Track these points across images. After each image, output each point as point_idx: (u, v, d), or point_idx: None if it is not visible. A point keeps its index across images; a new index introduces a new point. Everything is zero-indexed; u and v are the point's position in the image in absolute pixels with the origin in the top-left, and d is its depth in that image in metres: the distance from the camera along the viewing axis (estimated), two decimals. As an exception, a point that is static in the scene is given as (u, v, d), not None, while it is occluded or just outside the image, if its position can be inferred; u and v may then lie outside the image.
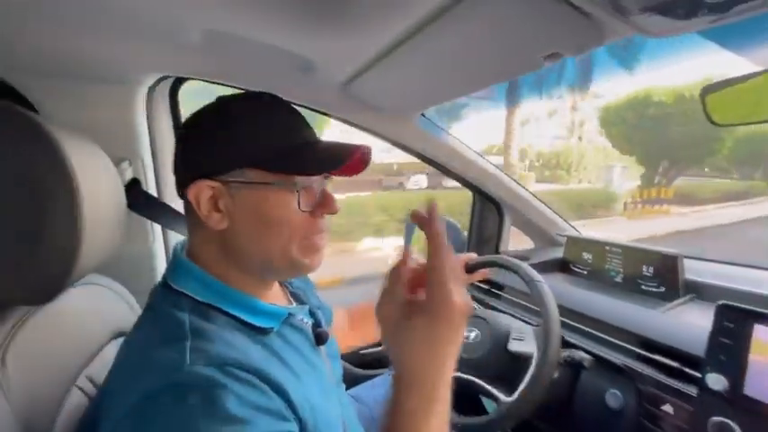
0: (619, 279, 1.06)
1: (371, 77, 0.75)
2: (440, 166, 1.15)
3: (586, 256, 1.15)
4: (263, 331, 0.46)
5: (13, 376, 0.42)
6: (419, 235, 1.25)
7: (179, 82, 0.92)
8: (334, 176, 0.52)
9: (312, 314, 0.59)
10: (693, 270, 0.95)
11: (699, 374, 0.64)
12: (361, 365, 1.10)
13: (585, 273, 1.15)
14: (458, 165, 1.14)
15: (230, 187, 0.45)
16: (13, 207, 0.40)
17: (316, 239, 0.48)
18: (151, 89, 0.86)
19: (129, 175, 0.83)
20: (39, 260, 0.41)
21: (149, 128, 0.88)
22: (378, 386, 0.97)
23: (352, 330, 1.03)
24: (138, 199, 0.79)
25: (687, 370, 0.67)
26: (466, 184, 1.24)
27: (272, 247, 0.47)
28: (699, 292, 0.91)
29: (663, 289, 0.95)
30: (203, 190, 0.44)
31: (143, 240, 0.87)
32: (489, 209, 1.34)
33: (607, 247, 1.08)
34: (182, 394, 0.34)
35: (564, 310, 0.80)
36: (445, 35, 0.53)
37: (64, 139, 0.45)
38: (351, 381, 0.99)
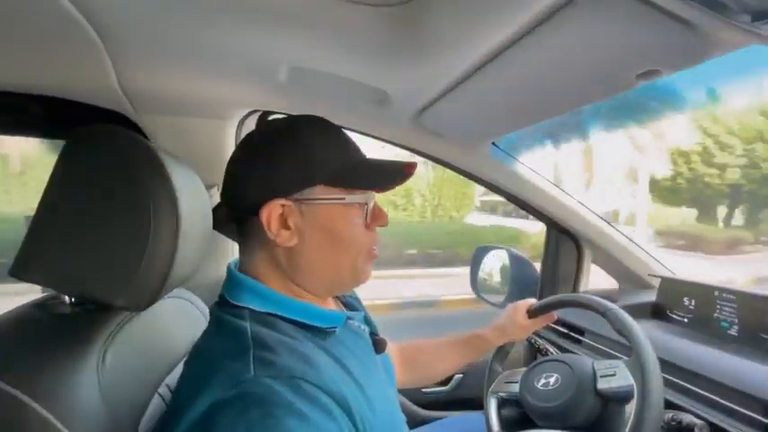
0: (733, 331, 0.89)
1: (444, 107, 0.75)
2: (512, 197, 1.10)
3: (688, 301, 0.99)
4: (324, 334, 0.46)
5: (109, 375, 0.45)
6: (495, 261, 1.18)
7: (265, 115, 1.01)
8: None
9: (367, 322, 0.58)
10: None
11: None
12: (423, 405, 1.04)
13: (686, 321, 0.98)
14: (531, 196, 1.08)
15: (301, 205, 0.46)
16: (126, 220, 0.45)
17: (375, 251, 0.51)
18: (240, 122, 0.95)
19: (216, 199, 0.91)
20: (142, 270, 0.45)
21: None
22: (441, 429, 0.90)
23: (404, 371, 0.78)
24: (222, 220, 0.86)
25: None
26: (539, 216, 1.16)
27: (343, 261, 0.48)
28: None
29: (797, 347, 0.78)
30: (275, 209, 0.45)
31: (221, 259, 0.93)
32: (566, 244, 1.23)
33: (716, 293, 0.92)
34: (245, 407, 0.34)
35: (662, 363, 0.68)
36: (526, 59, 0.51)
37: (171, 165, 0.50)
38: (412, 421, 0.93)
